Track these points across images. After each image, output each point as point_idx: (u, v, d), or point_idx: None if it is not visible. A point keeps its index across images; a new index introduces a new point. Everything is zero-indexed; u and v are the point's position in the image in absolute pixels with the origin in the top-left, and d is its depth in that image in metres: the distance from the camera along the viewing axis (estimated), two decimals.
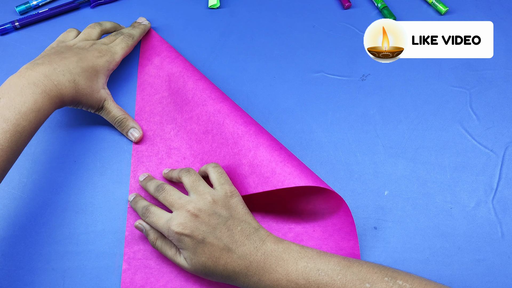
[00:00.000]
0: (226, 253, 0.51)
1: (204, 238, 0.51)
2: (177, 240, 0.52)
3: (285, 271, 0.50)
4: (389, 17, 0.75)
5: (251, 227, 0.53)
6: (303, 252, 0.51)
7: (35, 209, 0.61)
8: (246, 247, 0.51)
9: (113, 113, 0.64)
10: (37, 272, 0.58)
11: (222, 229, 0.52)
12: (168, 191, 0.56)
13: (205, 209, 0.53)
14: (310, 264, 0.50)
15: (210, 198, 0.53)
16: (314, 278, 0.49)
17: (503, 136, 0.66)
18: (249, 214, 0.55)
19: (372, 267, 0.49)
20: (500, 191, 0.63)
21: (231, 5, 0.78)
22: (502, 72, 0.71)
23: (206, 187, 0.55)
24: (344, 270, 0.49)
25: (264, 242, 0.52)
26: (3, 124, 0.50)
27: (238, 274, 0.51)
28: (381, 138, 0.67)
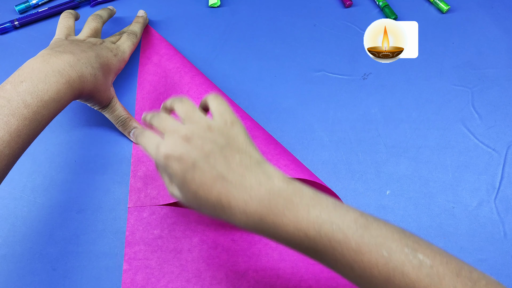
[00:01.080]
0: (220, 182, 0.43)
1: (195, 163, 0.43)
2: (165, 165, 0.45)
3: (294, 217, 0.43)
4: (390, 16, 0.74)
5: (253, 159, 0.45)
6: (317, 199, 0.44)
7: (36, 209, 0.61)
8: (246, 179, 0.44)
9: (117, 111, 0.64)
10: (37, 273, 0.58)
11: (216, 157, 0.44)
12: (162, 117, 0.48)
13: (198, 134, 0.44)
14: (324, 215, 0.43)
15: (206, 124, 0.45)
16: (327, 232, 0.42)
17: (506, 135, 0.66)
18: (252, 146, 0.46)
19: (392, 232, 0.43)
20: (503, 191, 0.63)
21: (231, 3, 0.78)
22: (504, 71, 0.71)
23: (202, 115, 0.47)
24: (361, 230, 0.42)
25: (270, 178, 0.44)
26: (24, 110, 0.49)
27: (234, 208, 0.43)
28: (382, 137, 0.66)
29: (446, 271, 0.41)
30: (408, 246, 0.42)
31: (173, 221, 0.60)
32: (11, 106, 0.48)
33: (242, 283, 0.57)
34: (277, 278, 0.57)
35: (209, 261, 0.58)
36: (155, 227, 0.60)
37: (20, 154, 0.50)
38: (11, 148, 0.48)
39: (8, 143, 0.47)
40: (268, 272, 0.58)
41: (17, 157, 0.49)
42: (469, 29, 0.75)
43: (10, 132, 0.47)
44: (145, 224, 0.60)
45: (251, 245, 0.59)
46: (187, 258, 0.58)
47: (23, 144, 0.49)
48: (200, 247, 0.59)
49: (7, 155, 0.47)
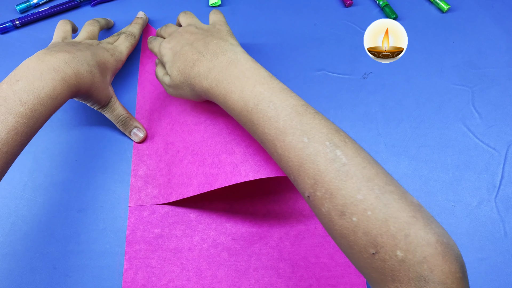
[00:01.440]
0: (197, 56, 0.55)
1: (182, 47, 0.57)
2: (162, 54, 0.60)
3: (241, 86, 0.51)
4: (390, 15, 0.74)
5: (228, 43, 0.56)
6: (267, 80, 0.51)
7: (36, 208, 0.61)
8: (215, 53, 0.54)
9: (117, 111, 0.64)
10: (38, 271, 0.58)
11: (199, 42, 0.57)
12: (169, 26, 0.65)
13: (189, 30, 0.60)
14: (267, 93, 0.49)
15: (199, 25, 0.61)
16: (263, 107, 0.49)
17: (506, 134, 0.66)
18: (232, 37, 0.58)
19: (323, 125, 0.46)
20: (503, 190, 0.63)
21: (232, 3, 0.78)
22: (505, 70, 0.71)
23: (198, 21, 0.63)
24: (293, 115, 0.47)
25: (236, 54, 0.54)
26: (21, 107, 0.49)
27: (201, 76, 0.54)
28: (383, 136, 0.66)
29: (358, 173, 0.42)
30: (331, 141, 0.44)
31: (173, 220, 0.60)
32: (8, 104, 0.49)
33: (242, 282, 0.57)
34: (277, 277, 0.57)
35: (210, 260, 0.58)
36: (156, 226, 0.60)
37: (19, 152, 0.50)
38: (9, 146, 0.48)
39: (6, 140, 0.47)
40: (268, 271, 0.58)
41: (16, 155, 0.50)
42: (469, 28, 0.75)
43: (7, 130, 0.48)
44: (146, 223, 0.60)
45: (252, 244, 0.59)
46: (188, 257, 0.58)
47: (21, 142, 0.50)
48: (200, 246, 0.59)
49: (6, 153, 0.48)
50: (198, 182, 0.59)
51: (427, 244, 0.38)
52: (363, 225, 0.40)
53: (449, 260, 0.38)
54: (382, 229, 0.39)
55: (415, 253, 0.38)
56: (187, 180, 0.60)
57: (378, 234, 0.39)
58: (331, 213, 0.43)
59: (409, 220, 0.39)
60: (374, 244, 0.40)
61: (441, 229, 0.40)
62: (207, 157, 0.60)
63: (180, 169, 0.62)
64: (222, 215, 0.61)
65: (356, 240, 0.41)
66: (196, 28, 0.60)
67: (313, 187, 0.44)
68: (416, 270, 0.38)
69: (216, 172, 0.58)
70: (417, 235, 0.39)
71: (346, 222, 0.41)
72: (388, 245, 0.39)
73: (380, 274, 0.40)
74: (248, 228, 0.60)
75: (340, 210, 0.42)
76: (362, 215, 0.40)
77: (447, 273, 0.37)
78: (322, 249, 0.59)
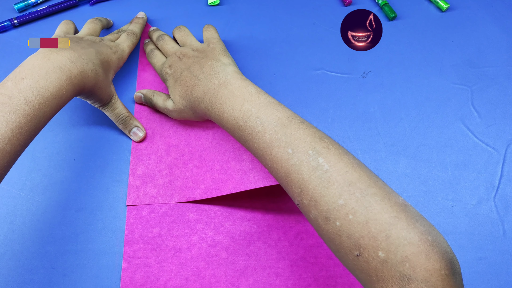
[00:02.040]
0: (194, 81, 0.59)
1: (181, 73, 0.61)
2: (164, 79, 0.64)
3: (231, 107, 0.54)
4: (389, 14, 0.74)
5: (221, 63, 0.59)
6: (254, 96, 0.53)
7: (34, 208, 0.61)
8: (209, 76, 0.58)
9: (118, 109, 0.64)
10: (36, 271, 0.58)
11: (195, 66, 0.60)
12: (166, 41, 0.68)
13: (187, 53, 0.63)
14: (254, 110, 0.52)
15: (193, 47, 0.64)
16: (251, 123, 0.51)
17: (505, 133, 0.66)
18: (224, 55, 0.61)
19: (307, 134, 0.48)
20: (502, 189, 0.63)
21: (231, 2, 0.78)
22: (504, 69, 0.71)
23: (193, 40, 0.66)
24: (279, 128, 0.49)
25: (226, 75, 0.57)
26: (25, 107, 0.49)
27: (198, 99, 0.58)
28: (382, 135, 0.66)
29: (339, 179, 0.43)
30: (314, 149, 0.46)
31: (172, 220, 0.60)
32: (13, 103, 0.48)
33: (241, 282, 0.57)
34: (276, 276, 0.57)
35: (208, 259, 0.58)
36: (154, 225, 0.60)
37: (22, 151, 0.50)
38: (13, 145, 0.47)
39: (9, 140, 0.47)
40: (267, 271, 0.58)
41: (18, 154, 0.49)
42: (469, 27, 0.75)
43: (11, 129, 0.47)
44: (144, 222, 0.60)
45: (250, 244, 0.59)
46: (186, 257, 0.58)
47: (25, 141, 0.49)
48: (199, 246, 0.59)
49: (9, 152, 0.47)
50: (205, 187, 0.60)
51: (409, 244, 0.39)
52: (346, 228, 0.42)
53: (433, 258, 0.38)
54: (364, 231, 0.41)
55: (397, 253, 0.39)
56: (192, 184, 0.61)
57: (360, 237, 0.41)
58: (318, 219, 0.44)
59: (391, 220, 0.40)
60: (357, 246, 0.41)
61: (428, 227, 0.41)
62: (215, 163, 0.61)
63: (184, 172, 0.62)
64: (221, 214, 0.61)
65: (341, 243, 0.42)
66: (192, 51, 0.63)
67: (300, 196, 0.46)
68: (398, 270, 0.38)
69: (225, 178, 0.59)
70: (399, 235, 0.39)
71: (331, 227, 0.43)
72: (370, 247, 0.40)
73: (366, 275, 0.41)
74: (246, 228, 0.60)
75: (324, 216, 0.44)
76: (344, 219, 0.42)
77: (431, 270, 0.38)
78: (320, 249, 0.59)
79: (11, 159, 0.48)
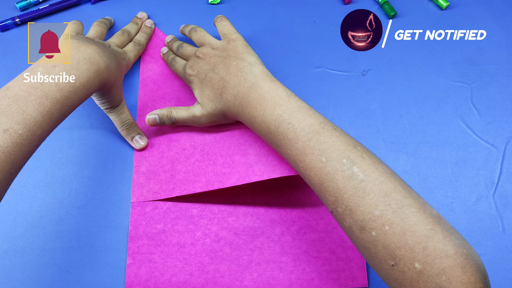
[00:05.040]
0: (222, 83, 0.58)
1: (206, 74, 0.60)
2: (189, 81, 0.64)
3: (262, 111, 0.54)
4: (389, 12, 0.75)
5: (246, 63, 0.58)
6: (285, 101, 0.53)
7: (37, 205, 0.61)
8: (237, 78, 0.57)
9: (125, 114, 0.63)
10: (39, 268, 0.58)
11: (220, 66, 0.59)
12: (185, 47, 0.68)
13: (207, 53, 0.62)
14: (285, 115, 0.52)
15: (214, 45, 0.63)
16: (283, 130, 0.51)
17: (504, 130, 0.67)
18: (249, 53, 0.60)
19: (341, 142, 0.48)
20: (501, 186, 0.63)
21: (231, 0, 0.78)
22: (503, 67, 0.71)
23: (211, 39, 0.65)
24: (311, 135, 0.49)
25: (255, 77, 0.56)
26: (57, 93, 0.49)
27: (229, 102, 0.58)
28: (382, 133, 0.67)
29: (375, 189, 0.43)
30: (349, 158, 0.46)
31: (175, 216, 0.60)
32: (44, 88, 0.48)
33: (245, 276, 0.58)
34: (279, 271, 0.58)
35: (212, 254, 0.59)
36: (158, 221, 0.60)
37: (46, 137, 0.49)
38: (43, 129, 0.47)
39: (40, 124, 0.47)
40: (271, 265, 0.58)
41: (42, 140, 0.49)
42: (468, 25, 0.75)
43: (43, 113, 0.47)
44: (148, 218, 0.60)
45: (254, 239, 0.59)
46: (190, 252, 0.59)
47: (52, 127, 0.49)
48: (203, 241, 0.59)
49: (38, 136, 0.47)
50: (206, 179, 0.60)
51: (446, 256, 0.39)
52: (382, 239, 0.42)
53: (469, 271, 0.39)
54: (400, 242, 0.41)
55: (433, 265, 0.39)
56: (193, 177, 0.61)
57: (396, 248, 0.41)
58: (352, 227, 0.45)
59: (427, 233, 0.40)
60: (393, 257, 0.41)
61: (462, 240, 0.41)
62: (218, 157, 0.62)
63: (186, 166, 0.62)
64: (224, 210, 0.61)
65: (377, 253, 0.43)
66: (212, 49, 0.62)
67: (334, 204, 0.46)
68: (434, 281, 0.39)
69: (228, 171, 0.60)
70: (436, 247, 0.40)
71: (366, 236, 0.43)
72: (407, 258, 0.40)
73: (400, 284, 0.41)
74: (250, 223, 0.60)
75: (360, 225, 0.44)
76: (381, 230, 0.42)
77: (467, 283, 0.38)
78: (323, 244, 0.59)
79: (38, 143, 0.48)
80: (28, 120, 0.45)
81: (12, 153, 0.44)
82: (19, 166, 0.46)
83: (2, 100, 0.45)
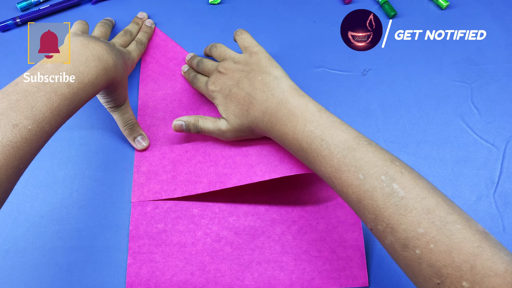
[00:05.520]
0: (248, 99, 0.56)
1: (230, 90, 0.59)
2: (212, 98, 0.62)
3: (293, 128, 0.52)
4: (389, 12, 0.75)
5: (272, 76, 0.56)
6: (317, 116, 0.51)
7: (38, 205, 0.61)
8: (264, 93, 0.55)
9: (128, 114, 0.64)
10: (41, 267, 0.58)
11: (244, 81, 0.58)
12: (205, 63, 0.66)
13: (230, 67, 0.60)
14: (317, 132, 0.50)
15: (236, 59, 0.61)
16: (316, 147, 0.50)
17: (504, 130, 0.67)
18: (273, 66, 0.58)
19: (378, 158, 0.46)
20: (502, 185, 0.63)
21: (232, 0, 0.78)
22: (503, 67, 0.72)
23: (232, 53, 0.63)
24: (346, 151, 0.47)
25: (283, 92, 0.54)
26: (65, 89, 0.49)
27: (257, 119, 0.56)
28: (382, 132, 0.67)
29: (417, 206, 0.42)
30: (387, 175, 0.44)
31: (176, 215, 0.61)
32: (54, 84, 0.48)
33: (246, 276, 0.58)
34: (280, 270, 0.58)
35: (213, 254, 0.59)
36: (159, 221, 0.60)
37: (54, 133, 0.49)
38: (51, 125, 0.47)
39: (49, 120, 0.47)
40: (271, 265, 0.58)
41: (50, 135, 0.49)
42: (468, 25, 0.75)
43: (52, 109, 0.47)
44: (149, 218, 0.60)
45: (254, 238, 0.60)
46: (191, 252, 0.59)
47: (60, 124, 0.49)
48: (203, 241, 0.59)
49: (47, 132, 0.47)
50: (208, 180, 0.60)
51: (495, 275, 0.38)
52: (427, 257, 0.41)
53: None
54: (447, 261, 0.39)
55: (482, 284, 0.38)
56: (195, 178, 0.61)
57: (442, 266, 0.40)
58: (394, 245, 0.43)
59: (475, 250, 0.39)
60: (439, 275, 0.40)
61: (510, 256, 0.39)
62: (220, 158, 0.62)
63: (188, 167, 0.62)
64: (225, 209, 0.61)
65: (421, 271, 0.41)
66: (234, 63, 0.61)
67: (374, 222, 0.45)
68: None
69: (230, 172, 0.60)
70: (484, 265, 0.38)
71: (409, 254, 0.42)
72: (454, 276, 0.39)
73: None
74: (250, 223, 0.60)
75: (402, 243, 0.42)
76: (425, 248, 0.41)
77: None
78: (324, 243, 0.59)
79: (47, 139, 0.48)
80: (37, 116, 0.45)
81: (21, 148, 0.44)
82: (27, 162, 0.46)
83: (11, 95, 0.45)
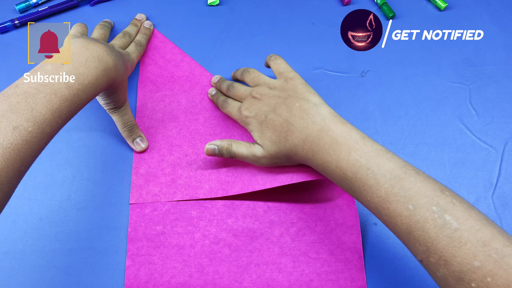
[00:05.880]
0: (286, 126, 0.55)
1: (266, 116, 0.57)
2: (246, 123, 0.61)
3: (336, 156, 0.51)
4: (388, 13, 0.75)
5: (310, 103, 0.55)
6: (361, 144, 0.50)
7: (37, 207, 0.61)
8: (303, 120, 0.54)
9: (128, 116, 0.64)
10: (39, 270, 0.58)
11: (281, 107, 0.56)
12: (237, 87, 0.64)
13: (265, 93, 0.59)
14: (363, 160, 0.49)
15: (271, 84, 0.59)
16: (361, 176, 0.48)
17: (503, 131, 0.67)
18: (310, 93, 0.57)
19: (427, 188, 0.45)
20: (500, 187, 0.63)
21: (230, 2, 0.78)
22: (502, 68, 0.72)
23: (266, 78, 0.61)
24: (394, 181, 0.46)
25: (324, 119, 0.53)
26: (66, 91, 0.48)
27: (297, 146, 0.54)
28: (380, 134, 0.67)
29: (472, 238, 0.40)
30: (439, 205, 0.43)
31: (175, 217, 0.61)
32: (53, 85, 0.48)
33: (244, 278, 0.58)
34: (278, 272, 0.58)
35: (211, 256, 0.59)
36: (157, 223, 0.60)
37: (54, 135, 0.49)
38: (52, 127, 0.47)
39: (49, 121, 0.46)
40: (270, 267, 0.58)
41: (51, 137, 0.48)
42: (466, 26, 0.75)
43: (52, 110, 0.47)
44: (147, 220, 0.60)
45: (253, 240, 0.60)
46: (190, 254, 0.59)
47: (61, 125, 0.49)
48: (202, 242, 0.59)
49: (47, 134, 0.47)
50: (210, 187, 0.61)
51: None
52: None
53: None
54: None
55: None
56: (196, 183, 0.62)
57: None
58: (448, 278, 0.42)
59: None
60: None
61: None
62: (221, 165, 0.63)
63: (188, 172, 0.63)
64: (223, 211, 0.61)
65: None
66: (269, 89, 0.59)
67: (425, 253, 0.43)
68: None
69: (232, 180, 0.61)
70: None
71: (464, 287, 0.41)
72: None
73: None
74: (249, 225, 0.60)
75: (457, 276, 0.41)
76: (482, 282, 0.39)
77: None
78: (322, 245, 0.59)
79: (48, 141, 0.48)
80: (37, 118, 0.45)
81: (22, 150, 0.44)
82: (28, 164, 0.46)
83: (11, 98, 0.45)
